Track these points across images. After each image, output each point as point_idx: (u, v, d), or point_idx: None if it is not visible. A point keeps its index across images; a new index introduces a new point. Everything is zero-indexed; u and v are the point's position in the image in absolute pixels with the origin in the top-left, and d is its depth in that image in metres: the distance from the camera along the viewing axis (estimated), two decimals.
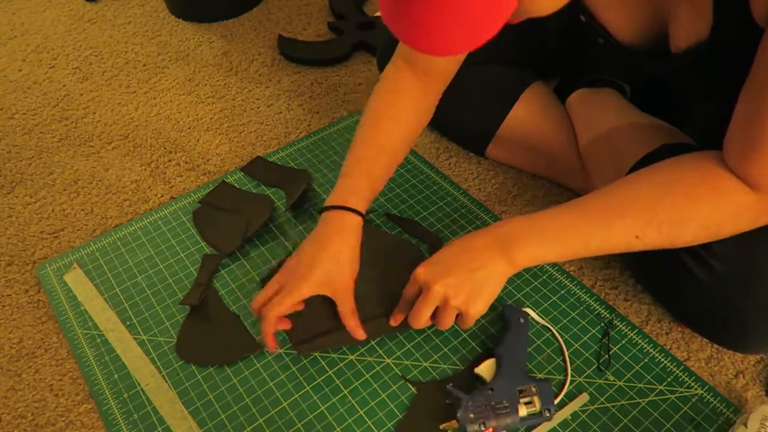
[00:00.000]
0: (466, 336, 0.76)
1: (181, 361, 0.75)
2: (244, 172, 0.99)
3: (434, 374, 0.73)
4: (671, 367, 0.73)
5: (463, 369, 0.73)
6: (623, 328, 0.77)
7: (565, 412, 0.69)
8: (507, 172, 0.99)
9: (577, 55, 0.94)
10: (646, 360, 0.74)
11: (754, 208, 0.59)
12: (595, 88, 0.92)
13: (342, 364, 0.74)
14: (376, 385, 0.72)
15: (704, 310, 0.70)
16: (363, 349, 0.75)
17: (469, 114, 0.96)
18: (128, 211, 0.96)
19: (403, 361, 0.74)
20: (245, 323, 0.78)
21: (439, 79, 0.81)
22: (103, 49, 1.31)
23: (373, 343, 0.76)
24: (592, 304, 0.79)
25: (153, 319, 0.80)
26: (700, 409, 0.69)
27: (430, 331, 0.77)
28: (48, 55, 1.30)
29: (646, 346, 0.75)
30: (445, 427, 0.67)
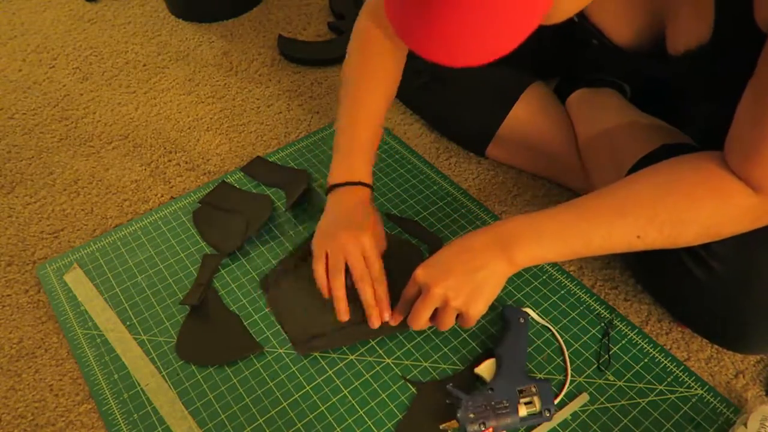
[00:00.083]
0: (466, 336, 0.76)
1: (181, 361, 0.75)
2: (244, 172, 0.99)
3: (434, 374, 0.73)
4: (671, 367, 0.73)
5: (463, 369, 0.73)
6: (623, 328, 0.77)
7: (565, 412, 0.69)
8: (507, 172, 0.99)
9: (574, 55, 0.94)
10: (646, 360, 0.73)
11: (755, 210, 0.59)
12: (595, 88, 0.92)
13: (342, 364, 0.74)
14: (376, 385, 0.72)
15: (704, 311, 0.71)
16: (363, 349, 0.75)
17: (469, 114, 0.96)
18: (128, 211, 0.96)
19: (403, 361, 0.74)
20: (245, 323, 0.78)
21: None
22: (103, 49, 1.31)
23: (373, 343, 0.76)
24: (592, 304, 0.79)
25: (153, 319, 0.80)
26: (700, 409, 0.69)
27: (430, 331, 0.77)
28: (48, 55, 1.30)
29: (646, 346, 0.75)
30: (445, 427, 0.67)
